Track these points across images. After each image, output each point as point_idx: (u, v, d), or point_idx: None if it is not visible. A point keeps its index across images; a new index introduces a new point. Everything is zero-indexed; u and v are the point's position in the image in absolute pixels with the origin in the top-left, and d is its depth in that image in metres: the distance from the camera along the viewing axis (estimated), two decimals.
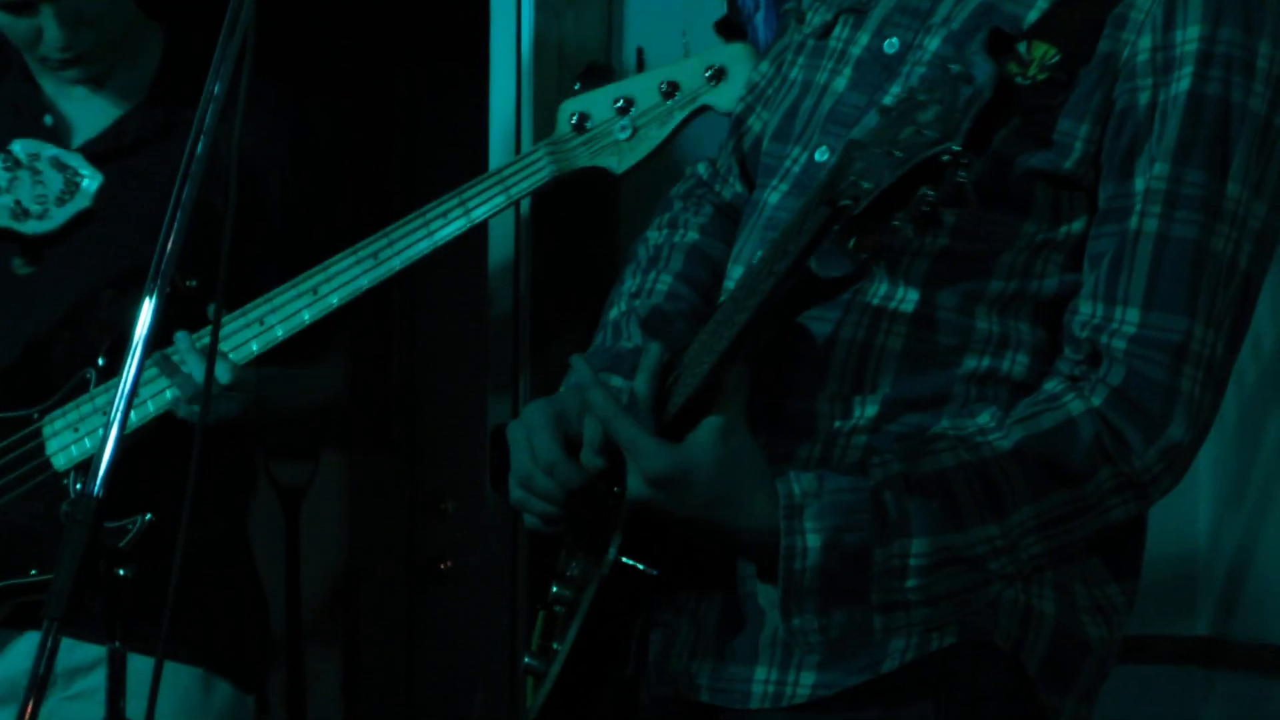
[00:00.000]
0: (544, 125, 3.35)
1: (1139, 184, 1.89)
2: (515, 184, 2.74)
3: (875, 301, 1.94)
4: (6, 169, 2.90)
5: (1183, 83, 1.88)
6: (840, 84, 2.06)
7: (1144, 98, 1.89)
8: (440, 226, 2.75)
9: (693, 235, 2.25)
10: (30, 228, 2.88)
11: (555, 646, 2.01)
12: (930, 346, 1.94)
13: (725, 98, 2.60)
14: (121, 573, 1.98)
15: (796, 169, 2.06)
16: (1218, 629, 3.50)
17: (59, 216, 2.87)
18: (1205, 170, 1.87)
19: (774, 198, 2.07)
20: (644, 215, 3.20)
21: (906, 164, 1.64)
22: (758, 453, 1.87)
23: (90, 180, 2.87)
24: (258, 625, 3.03)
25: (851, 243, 1.71)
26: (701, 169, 2.35)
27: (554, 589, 2.06)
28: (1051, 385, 1.91)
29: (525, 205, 3.50)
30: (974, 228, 1.92)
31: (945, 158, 1.63)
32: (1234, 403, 3.31)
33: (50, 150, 2.90)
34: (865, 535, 1.84)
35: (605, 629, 1.95)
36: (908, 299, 1.94)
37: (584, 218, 3.48)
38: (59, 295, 2.87)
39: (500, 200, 2.75)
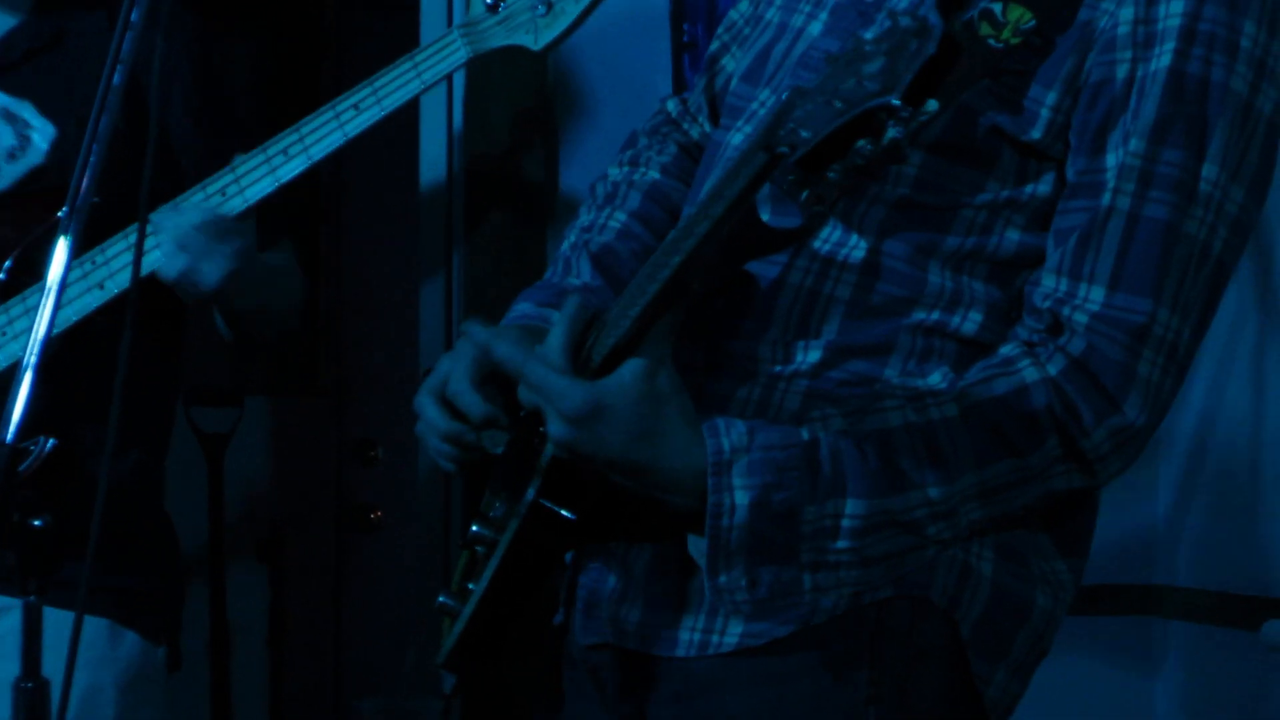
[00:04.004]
0: None
1: (1111, 159, 1.84)
2: (429, 67, 2.65)
3: (826, 248, 1.91)
4: None
5: (1164, 59, 1.83)
6: (815, 28, 2.03)
7: (1122, 71, 1.84)
8: (352, 118, 2.66)
9: (653, 174, 2.22)
10: None
11: (470, 587, 1.98)
12: (879, 296, 1.90)
13: None
14: (38, 524, 1.90)
15: (762, 112, 2.03)
16: (1170, 576, 3.54)
17: (9, 175, 2.76)
18: (1182, 150, 1.82)
19: (736, 139, 2.04)
20: (582, 141, 3.13)
21: (844, 115, 1.63)
22: (683, 394, 1.81)
23: (41, 134, 2.75)
24: (168, 572, 2.92)
25: (804, 195, 1.69)
26: (671, 106, 2.32)
27: (474, 528, 2.02)
28: (1007, 350, 1.86)
29: (458, 123, 3.46)
30: (936, 179, 1.88)
31: (883, 113, 1.61)
32: None
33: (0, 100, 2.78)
34: (795, 493, 1.80)
35: (520, 572, 1.92)
36: (859, 246, 1.89)
37: (520, 155, 3.43)
38: None
39: (414, 85, 2.66)
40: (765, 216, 1.91)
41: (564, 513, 1.87)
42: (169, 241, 2.62)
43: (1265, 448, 3.37)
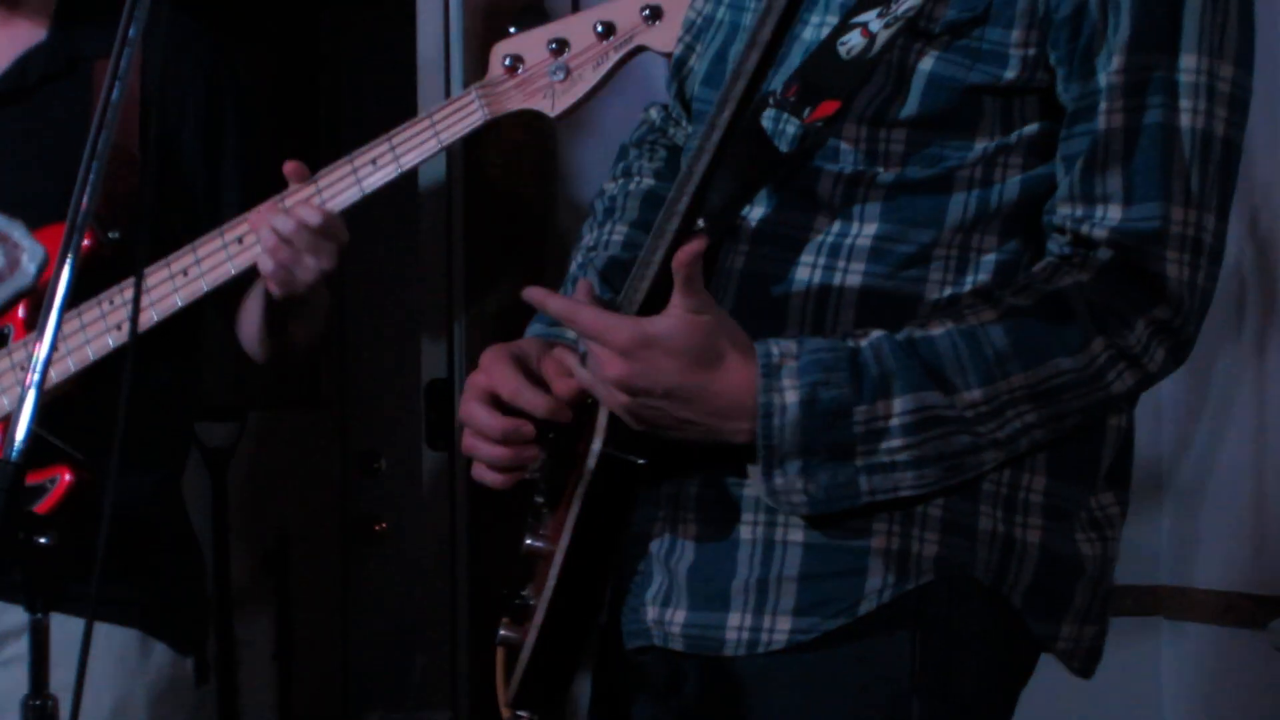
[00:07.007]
0: (473, 63, 3.36)
1: (1101, 81, 1.87)
2: (447, 128, 2.67)
3: (830, 240, 1.93)
4: None
5: None
6: None
7: None
8: (369, 174, 2.67)
9: (648, 181, 2.23)
10: None
11: (530, 601, 1.98)
12: (890, 282, 1.92)
13: (662, 38, 2.56)
14: (43, 541, 1.90)
15: None
16: (1176, 576, 3.54)
17: None
18: (1159, 52, 1.85)
19: None
20: (581, 151, 3.13)
21: None
22: (729, 319, 1.85)
23: (30, 256, 2.73)
24: (194, 585, 2.96)
25: (807, 110, 1.78)
26: (654, 114, 2.34)
27: (528, 541, 2.02)
28: (1040, 265, 1.89)
29: (458, 151, 3.45)
30: (925, 152, 1.91)
31: None
32: None
33: None
34: (844, 392, 1.83)
35: (594, 532, 1.92)
36: (862, 235, 1.92)
37: (519, 164, 3.43)
38: None
39: (432, 146, 2.68)
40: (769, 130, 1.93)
41: (633, 459, 1.89)
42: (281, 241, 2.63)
43: (1270, 446, 3.37)
